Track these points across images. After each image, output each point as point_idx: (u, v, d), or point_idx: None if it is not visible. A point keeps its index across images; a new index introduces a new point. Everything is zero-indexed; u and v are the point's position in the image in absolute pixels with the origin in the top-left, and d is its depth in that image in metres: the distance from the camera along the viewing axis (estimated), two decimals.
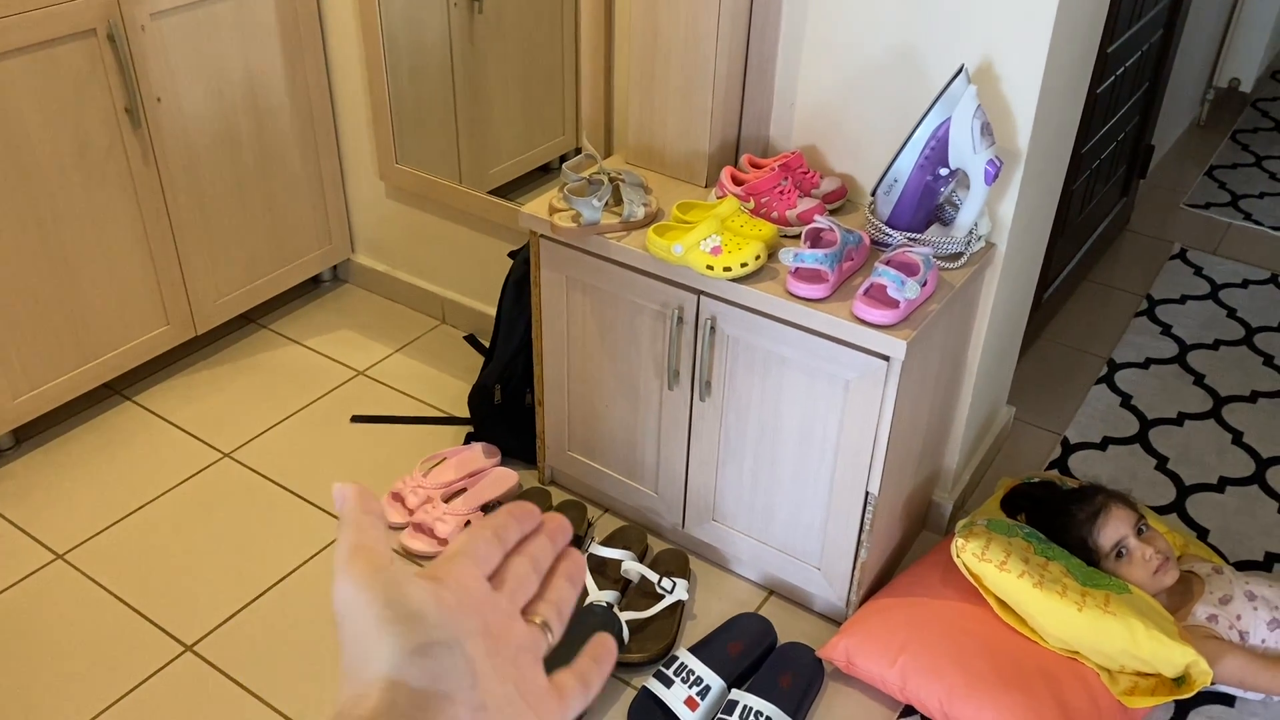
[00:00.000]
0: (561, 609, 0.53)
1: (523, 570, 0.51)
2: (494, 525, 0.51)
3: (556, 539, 0.54)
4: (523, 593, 0.51)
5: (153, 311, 2.41)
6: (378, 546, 0.46)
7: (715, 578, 2.07)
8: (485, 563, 0.50)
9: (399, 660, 0.43)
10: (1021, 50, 1.71)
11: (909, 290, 1.63)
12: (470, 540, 0.50)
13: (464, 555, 0.49)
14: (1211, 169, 3.68)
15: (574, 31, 2.20)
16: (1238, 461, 2.41)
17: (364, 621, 0.43)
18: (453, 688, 0.43)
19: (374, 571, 0.45)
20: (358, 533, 0.47)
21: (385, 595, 0.44)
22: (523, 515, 0.53)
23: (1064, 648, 1.80)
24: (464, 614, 0.46)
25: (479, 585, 0.48)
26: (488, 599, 0.48)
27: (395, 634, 0.43)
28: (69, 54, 2.08)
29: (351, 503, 0.48)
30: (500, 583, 0.50)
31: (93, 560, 2.07)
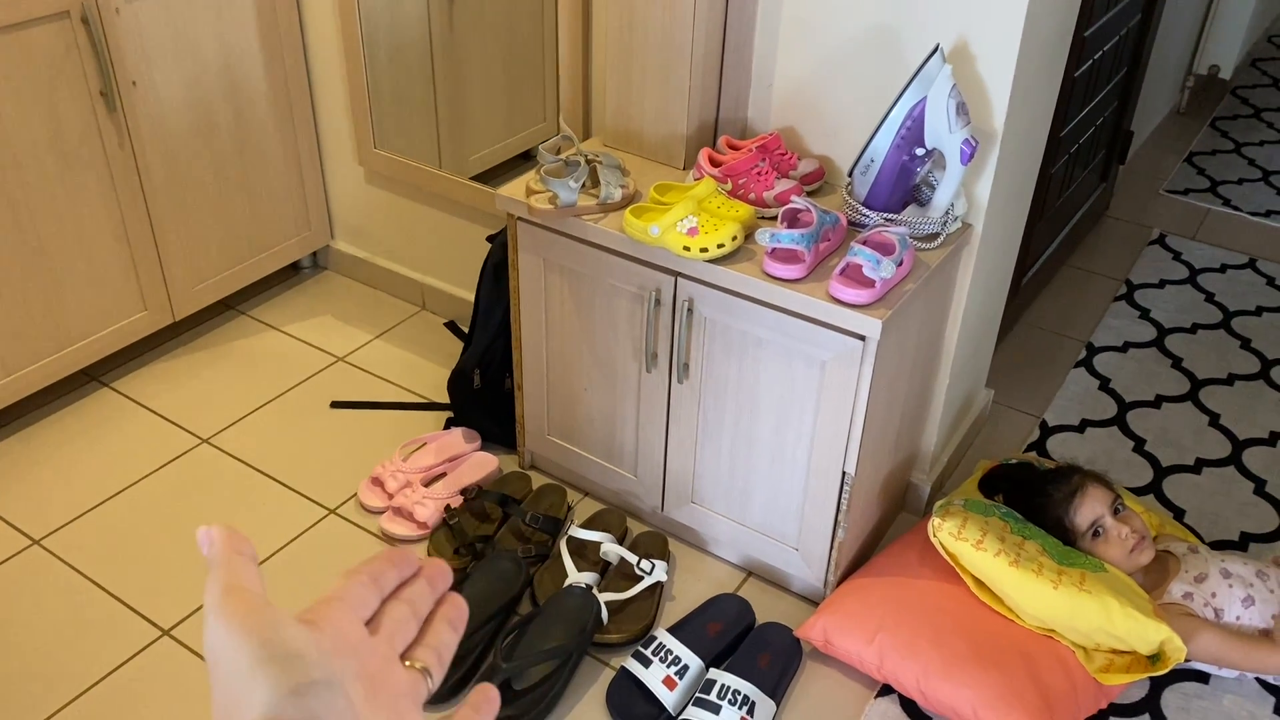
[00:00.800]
0: (442, 654, 0.52)
1: (400, 615, 0.51)
2: (370, 571, 0.51)
3: (436, 584, 0.53)
4: (401, 637, 0.50)
5: (130, 297, 2.40)
6: (251, 587, 0.45)
7: (694, 559, 2.08)
8: (361, 608, 0.49)
9: (277, 700, 0.42)
10: (996, 30, 1.72)
11: (884, 270, 1.64)
12: (346, 586, 0.50)
13: (339, 600, 0.48)
14: (1191, 155, 3.70)
15: (554, 15, 2.20)
16: (1214, 443, 2.42)
17: (239, 662, 0.42)
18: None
19: (249, 612, 0.44)
20: (229, 573, 0.46)
21: (261, 635, 0.43)
22: (400, 561, 0.52)
23: (1040, 626, 1.81)
24: (341, 655, 0.45)
25: (355, 629, 0.48)
26: (364, 643, 0.47)
27: (273, 674, 0.42)
28: (42, 36, 2.06)
29: (219, 544, 0.47)
30: (377, 628, 0.50)
31: (69, 546, 2.06)
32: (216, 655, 0.43)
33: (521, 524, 2.06)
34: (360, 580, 0.50)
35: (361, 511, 2.16)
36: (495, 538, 2.06)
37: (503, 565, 1.96)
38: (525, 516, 2.05)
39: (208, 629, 0.44)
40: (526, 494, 2.16)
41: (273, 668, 0.42)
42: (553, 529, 2.06)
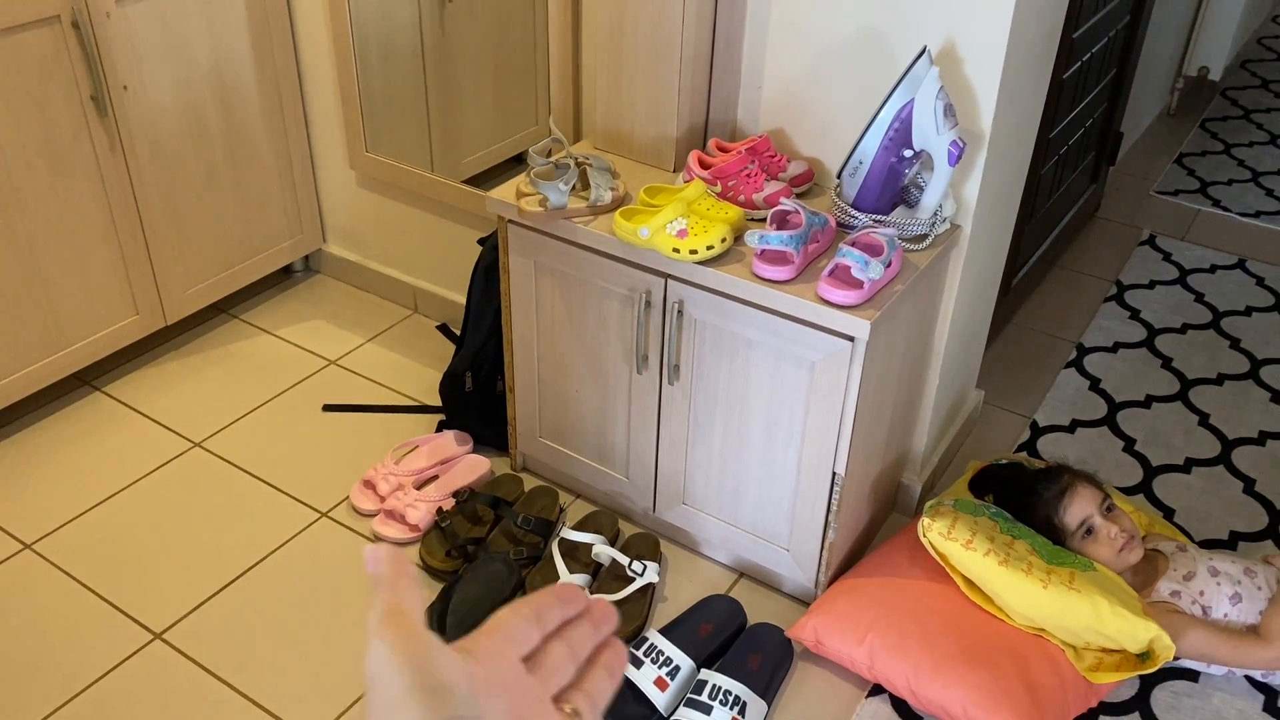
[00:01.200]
0: (596, 701, 0.51)
1: (560, 656, 0.50)
2: (535, 605, 0.50)
3: (600, 626, 0.53)
4: (557, 679, 0.50)
5: (122, 301, 2.40)
6: (413, 612, 0.45)
7: (686, 560, 2.08)
8: (522, 643, 0.49)
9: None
10: (983, 32, 1.72)
11: (873, 270, 1.64)
12: (509, 618, 0.49)
13: (501, 632, 0.48)
14: (1181, 156, 3.71)
15: (544, 18, 2.20)
16: (1204, 443, 2.43)
17: (394, 688, 0.43)
18: None
19: (407, 638, 0.44)
20: (393, 596, 0.46)
21: (416, 664, 0.43)
22: (567, 598, 0.52)
23: (1030, 625, 1.81)
24: (493, 692, 0.45)
25: (512, 665, 0.47)
26: (519, 681, 0.47)
27: (423, 704, 0.42)
28: (33, 41, 2.06)
29: (386, 565, 0.47)
30: (536, 666, 0.49)
31: (61, 550, 2.06)
32: (374, 676, 0.44)
33: (513, 526, 2.06)
34: (524, 615, 0.49)
35: (354, 514, 2.16)
36: (487, 540, 2.06)
37: (495, 567, 1.96)
38: (517, 518, 2.06)
39: (370, 650, 0.44)
40: (518, 496, 2.16)
41: (423, 697, 0.42)
42: (545, 531, 2.06)
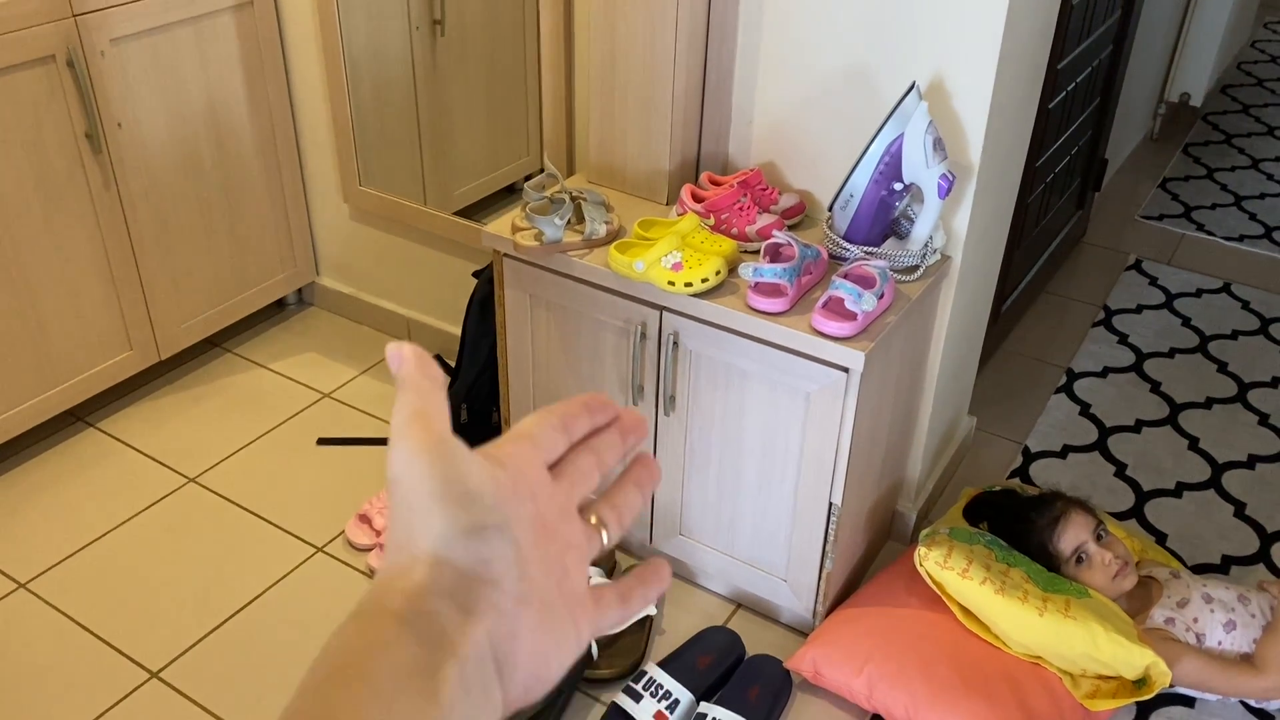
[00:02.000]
0: (623, 515, 0.49)
1: (586, 465, 0.48)
2: (562, 412, 0.48)
3: (628, 437, 0.50)
4: (582, 488, 0.48)
5: (115, 337, 2.40)
6: (438, 415, 0.43)
7: (683, 592, 2.08)
8: (548, 450, 0.47)
9: (450, 539, 0.41)
10: (971, 67, 1.75)
11: (866, 302, 1.66)
12: (535, 424, 0.47)
13: (526, 439, 0.46)
14: (1164, 181, 3.76)
15: (536, 54, 2.23)
16: (1194, 467, 2.45)
17: (418, 494, 0.41)
18: (499, 574, 0.42)
19: (434, 442, 0.42)
20: (418, 398, 0.43)
21: (443, 470, 0.41)
22: (596, 406, 0.49)
23: (1026, 653, 1.82)
24: (519, 500, 0.43)
25: (539, 474, 0.46)
26: (544, 488, 0.45)
27: (449, 511, 0.41)
28: (28, 80, 2.07)
29: (410, 365, 0.44)
30: (560, 474, 0.47)
31: (56, 588, 2.05)
32: (397, 481, 0.42)
33: None
34: (550, 422, 0.47)
35: (349, 549, 2.16)
36: None
37: None
38: None
39: (392, 451, 0.42)
40: None
41: (449, 504, 0.41)
42: None
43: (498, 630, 0.41)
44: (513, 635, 0.42)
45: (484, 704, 0.40)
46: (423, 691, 0.38)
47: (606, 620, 0.47)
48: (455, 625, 0.40)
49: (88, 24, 2.13)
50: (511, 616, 0.42)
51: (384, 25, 2.47)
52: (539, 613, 0.43)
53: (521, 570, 0.42)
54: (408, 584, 0.40)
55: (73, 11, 2.10)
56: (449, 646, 0.39)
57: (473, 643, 0.40)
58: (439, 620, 0.40)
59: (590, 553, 0.47)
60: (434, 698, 0.38)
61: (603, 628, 0.47)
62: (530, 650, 0.42)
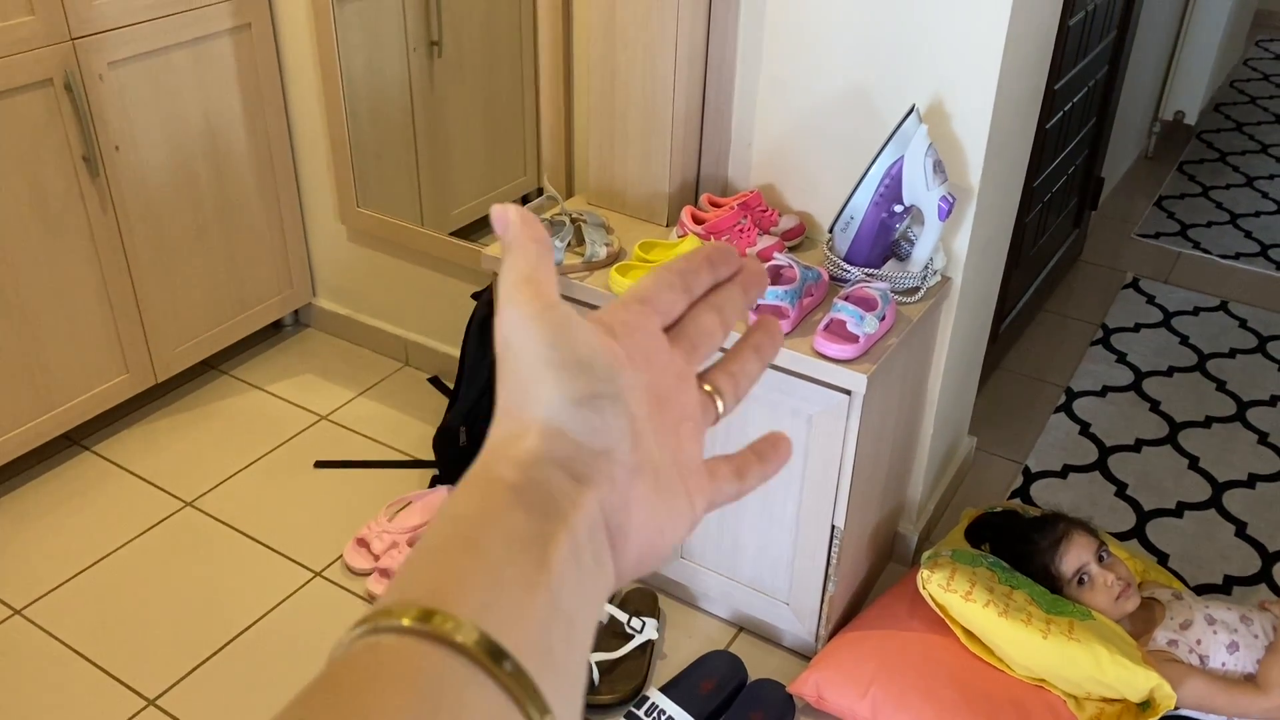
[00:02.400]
0: (740, 383, 0.47)
1: (708, 325, 0.45)
2: (683, 269, 0.45)
3: (750, 291, 0.48)
4: (702, 351, 0.45)
5: (112, 360, 2.39)
6: (546, 279, 0.42)
7: (685, 616, 2.07)
8: (667, 313, 0.45)
9: (561, 408, 0.40)
10: (971, 89, 1.75)
11: (868, 325, 1.66)
12: (654, 285, 0.45)
13: (643, 304, 0.44)
14: (1160, 200, 3.77)
15: (533, 74, 2.23)
16: (1195, 486, 2.45)
17: (528, 360, 0.40)
18: (612, 445, 0.40)
19: (544, 308, 0.40)
20: (526, 261, 0.42)
21: (554, 336, 0.40)
22: (719, 259, 0.46)
23: (1031, 676, 1.81)
24: (633, 369, 0.41)
25: (654, 339, 0.43)
26: (661, 355, 0.43)
27: (560, 380, 0.40)
28: (26, 104, 2.07)
29: (516, 226, 0.43)
30: (680, 337, 0.45)
31: (52, 615, 2.04)
32: (508, 347, 0.41)
33: None
34: (670, 281, 0.45)
35: (348, 574, 2.14)
36: None
37: None
38: None
39: (501, 314, 0.41)
40: None
41: (560, 372, 0.40)
42: None
43: (610, 500, 0.40)
44: (625, 505, 0.40)
45: (596, 573, 0.39)
46: (533, 560, 0.37)
47: (721, 495, 0.45)
48: (567, 494, 0.39)
49: (86, 47, 2.12)
50: (624, 486, 0.40)
51: (381, 47, 2.47)
52: (652, 484, 0.41)
53: (635, 441, 0.41)
54: (519, 451, 0.39)
55: (71, 35, 2.10)
56: (560, 515, 0.38)
57: (584, 512, 0.39)
58: (551, 488, 0.39)
59: (706, 423, 0.45)
60: (544, 565, 0.37)
61: (717, 502, 0.45)
62: (643, 522, 0.41)
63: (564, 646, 0.37)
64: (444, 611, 0.34)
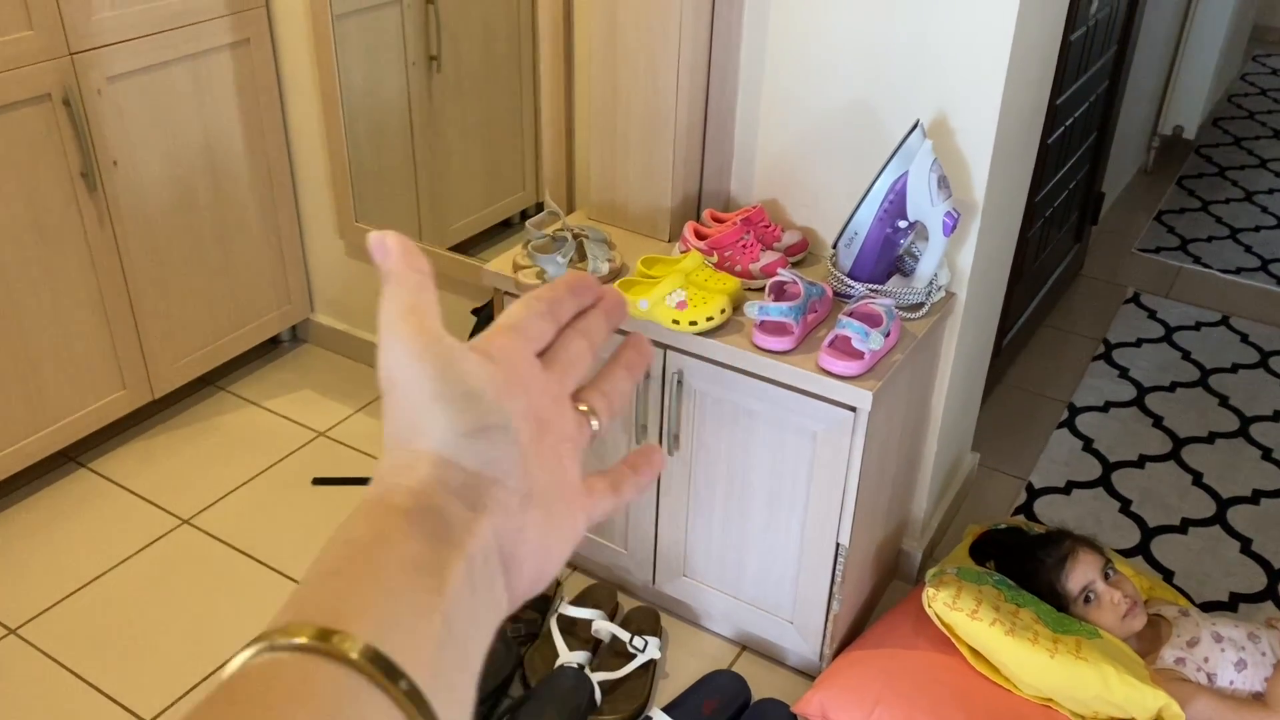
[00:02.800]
0: (613, 400, 0.48)
1: (577, 350, 0.47)
2: (549, 298, 0.47)
3: (613, 316, 0.49)
4: (574, 375, 0.47)
5: (109, 376, 2.37)
6: (429, 310, 0.42)
7: (687, 635, 2.05)
8: (537, 339, 0.46)
9: (452, 439, 0.40)
10: (975, 104, 1.75)
11: (873, 341, 1.64)
12: (522, 313, 0.46)
13: (514, 331, 0.45)
14: (1160, 214, 3.76)
15: (533, 89, 2.22)
16: (1199, 502, 2.43)
17: (417, 393, 0.40)
18: (504, 473, 0.41)
19: (430, 341, 0.41)
20: (408, 292, 0.42)
21: (441, 370, 0.40)
22: (579, 288, 0.48)
23: (1038, 695, 1.79)
24: (513, 394, 0.42)
25: (530, 365, 0.44)
26: (536, 380, 0.44)
27: (450, 413, 0.40)
28: (24, 119, 2.06)
29: (397, 256, 0.42)
30: (552, 362, 0.46)
31: (47, 634, 2.01)
32: (394, 378, 0.41)
33: None
34: (537, 310, 0.46)
35: None
36: None
37: (492, 646, 1.92)
38: None
39: (384, 351, 0.41)
40: None
41: (450, 405, 0.40)
42: (542, 606, 2.03)
43: (505, 527, 0.41)
44: (519, 531, 0.41)
45: (489, 599, 0.40)
46: (429, 585, 0.37)
47: (599, 510, 0.46)
48: (462, 522, 0.39)
49: (84, 62, 2.11)
50: (518, 513, 0.41)
51: (380, 61, 2.46)
52: (542, 508, 0.42)
53: (525, 468, 0.42)
54: (412, 481, 0.40)
55: (69, 50, 2.08)
56: (456, 542, 0.39)
57: (480, 539, 0.40)
58: (446, 516, 0.39)
59: (583, 443, 0.46)
60: (440, 590, 0.37)
61: (595, 518, 0.46)
62: (535, 546, 0.42)
63: (456, 669, 0.37)
64: (341, 631, 0.34)
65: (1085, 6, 2.41)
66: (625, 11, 1.83)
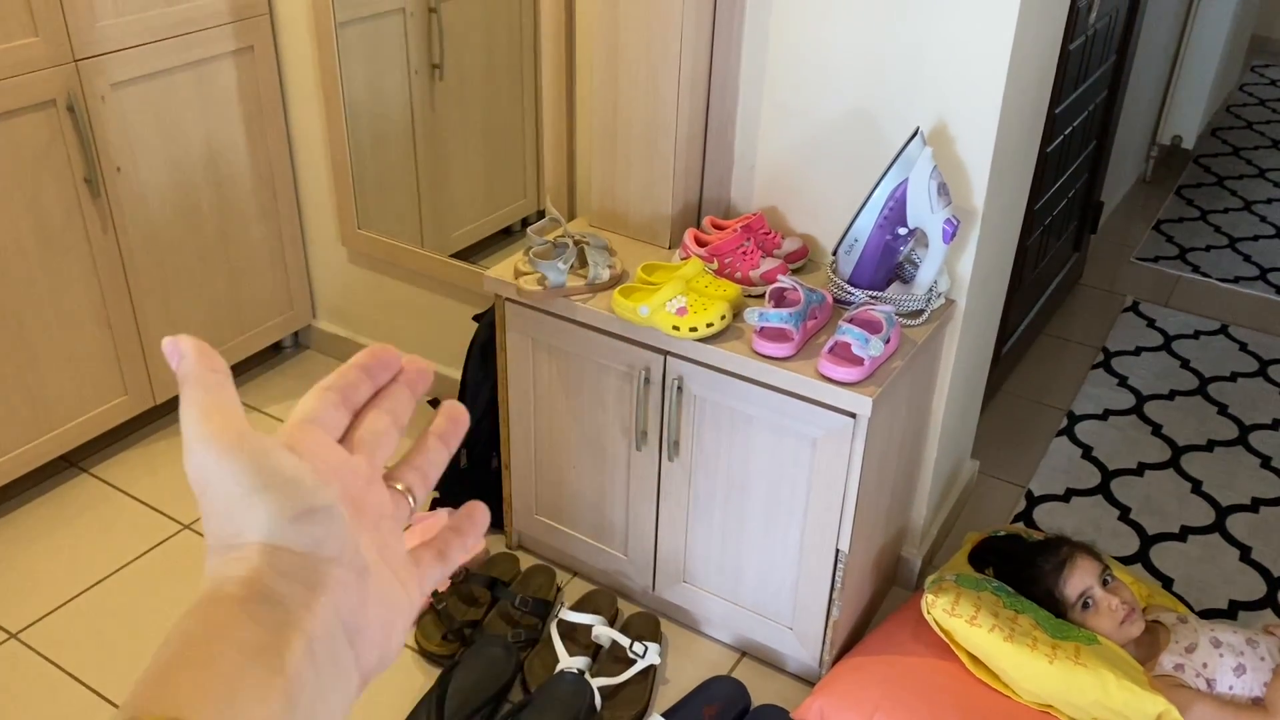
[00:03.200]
0: (428, 473, 0.49)
1: (380, 427, 0.47)
2: (340, 385, 0.46)
3: (416, 387, 0.49)
4: (383, 452, 0.47)
5: (110, 382, 2.38)
6: (230, 407, 0.41)
7: (687, 640, 2.05)
8: (334, 429, 0.46)
9: (278, 527, 0.40)
10: (975, 113, 1.76)
11: (873, 348, 1.65)
12: (316, 404, 0.45)
13: (310, 423, 0.45)
14: (1159, 223, 3.78)
15: (535, 98, 2.23)
16: (1198, 510, 2.44)
17: (234, 489, 0.40)
18: (336, 551, 0.41)
19: (237, 438, 0.40)
20: (208, 393, 0.41)
21: (254, 462, 0.40)
22: (376, 367, 0.48)
23: (1037, 701, 1.80)
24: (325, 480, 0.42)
25: (332, 451, 0.44)
26: (345, 464, 0.44)
27: (272, 502, 0.40)
28: (28, 125, 2.07)
29: (191, 360, 0.42)
30: (358, 444, 0.46)
31: (47, 639, 2.01)
32: (206, 482, 0.41)
33: (510, 607, 2.03)
34: (329, 400, 0.46)
35: None
36: (484, 622, 2.03)
37: (493, 652, 1.93)
38: (514, 599, 2.03)
39: (191, 455, 0.41)
40: (515, 576, 2.14)
41: (271, 495, 0.40)
42: (542, 612, 2.04)
43: (345, 602, 0.41)
44: (362, 605, 0.42)
45: (335, 674, 0.40)
46: (267, 666, 0.38)
47: (430, 579, 0.47)
48: (300, 601, 0.40)
49: (89, 69, 2.12)
50: (357, 587, 0.42)
51: (383, 70, 2.47)
52: (378, 582, 0.43)
53: (355, 545, 0.42)
54: (243, 571, 0.40)
55: (74, 57, 2.10)
56: (293, 622, 0.39)
57: (318, 616, 0.40)
58: (281, 599, 0.39)
59: (402, 518, 0.47)
60: (279, 670, 0.38)
61: (426, 587, 0.47)
62: (377, 619, 0.43)
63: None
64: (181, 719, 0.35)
65: (1084, 16, 2.42)
66: (627, 22, 1.84)
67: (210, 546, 0.42)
